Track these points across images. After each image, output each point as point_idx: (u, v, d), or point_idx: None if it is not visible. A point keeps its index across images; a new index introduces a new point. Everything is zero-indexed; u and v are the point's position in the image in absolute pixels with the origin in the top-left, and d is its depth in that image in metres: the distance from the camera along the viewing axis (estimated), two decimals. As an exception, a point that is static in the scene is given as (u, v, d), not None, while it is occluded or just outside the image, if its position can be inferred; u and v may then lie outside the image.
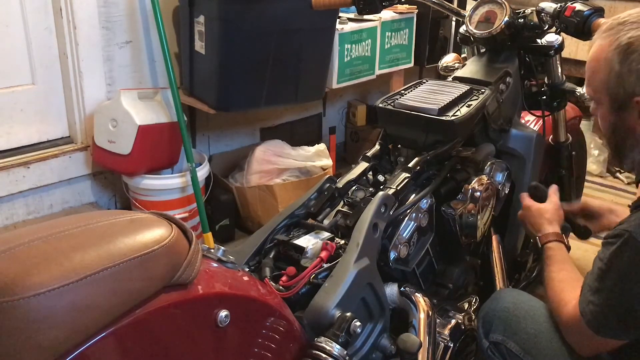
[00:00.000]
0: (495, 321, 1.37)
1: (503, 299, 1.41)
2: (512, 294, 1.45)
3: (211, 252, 1.01)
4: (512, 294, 1.45)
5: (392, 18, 2.96)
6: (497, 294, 1.47)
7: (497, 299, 1.43)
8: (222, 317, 0.89)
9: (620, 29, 1.12)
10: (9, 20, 2.27)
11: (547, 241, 1.42)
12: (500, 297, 1.43)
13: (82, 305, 0.72)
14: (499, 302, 1.40)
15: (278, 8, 2.30)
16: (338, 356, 1.06)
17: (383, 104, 1.60)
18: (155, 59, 2.58)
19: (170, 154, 2.42)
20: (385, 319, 1.30)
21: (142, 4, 2.47)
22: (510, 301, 1.39)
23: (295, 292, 1.18)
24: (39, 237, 0.75)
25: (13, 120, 2.36)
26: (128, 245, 0.78)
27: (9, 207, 2.34)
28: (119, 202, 2.65)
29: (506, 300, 1.40)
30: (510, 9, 1.71)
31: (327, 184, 1.47)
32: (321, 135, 3.35)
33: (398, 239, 1.38)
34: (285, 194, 2.58)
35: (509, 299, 1.41)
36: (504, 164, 1.67)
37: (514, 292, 1.50)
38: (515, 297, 1.42)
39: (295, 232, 1.36)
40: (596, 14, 1.50)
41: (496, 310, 1.39)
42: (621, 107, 1.15)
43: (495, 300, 1.43)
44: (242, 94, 2.42)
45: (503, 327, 1.35)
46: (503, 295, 1.44)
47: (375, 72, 2.99)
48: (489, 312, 1.41)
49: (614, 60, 1.12)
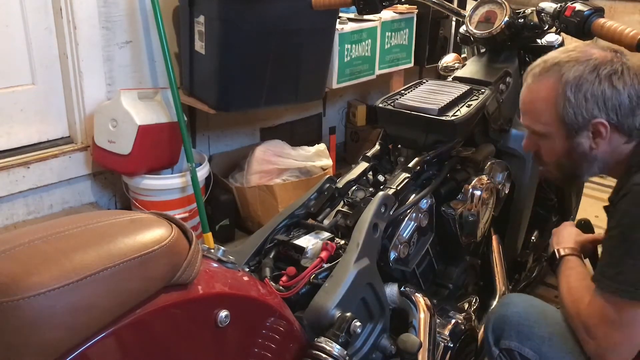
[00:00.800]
0: (506, 327, 1.34)
1: (513, 304, 1.38)
2: (522, 298, 1.42)
3: (211, 252, 1.01)
4: (522, 298, 1.42)
5: (392, 18, 2.96)
6: (506, 300, 1.43)
7: (507, 304, 1.40)
8: (222, 317, 0.89)
9: (559, 69, 1.25)
10: (9, 20, 2.27)
11: (567, 254, 1.42)
12: (510, 302, 1.40)
13: (82, 305, 0.72)
14: (509, 308, 1.37)
15: (278, 8, 2.30)
16: (338, 356, 1.06)
17: (383, 104, 1.60)
18: (155, 59, 2.58)
19: (170, 154, 2.42)
20: (385, 319, 1.30)
21: (142, 4, 2.47)
22: (521, 306, 1.37)
23: (295, 292, 1.18)
24: (39, 237, 0.75)
25: (13, 120, 2.36)
26: (128, 245, 0.78)
27: (9, 207, 2.34)
28: (119, 202, 2.65)
29: (517, 306, 1.37)
30: (510, 9, 1.71)
31: (327, 184, 1.47)
32: (321, 135, 3.35)
33: (398, 239, 1.38)
34: (285, 194, 2.58)
35: (520, 303, 1.38)
36: (504, 164, 1.67)
37: (523, 296, 1.47)
38: (526, 301, 1.40)
39: (295, 232, 1.36)
40: (596, 14, 1.50)
41: (507, 316, 1.36)
42: (577, 133, 1.27)
43: (505, 305, 1.40)
44: (242, 94, 2.42)
45: (516, 333, 1.33)
46: (513, 300, 1.41)
47: (375, 72, 2.99)
48: (498, 318, 1.38)
49: (568, 93, 1.24)
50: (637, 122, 1.25)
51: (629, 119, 1.24)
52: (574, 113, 1.24)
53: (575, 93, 1.23)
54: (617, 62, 1.24)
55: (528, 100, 1.33)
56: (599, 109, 1.23)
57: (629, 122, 1.24)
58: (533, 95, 1.31)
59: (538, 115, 1.31)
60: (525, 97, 1.33)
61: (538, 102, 1.30)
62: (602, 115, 1.23)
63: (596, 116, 1.23)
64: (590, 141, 1.27)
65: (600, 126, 1.24)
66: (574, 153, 1.30)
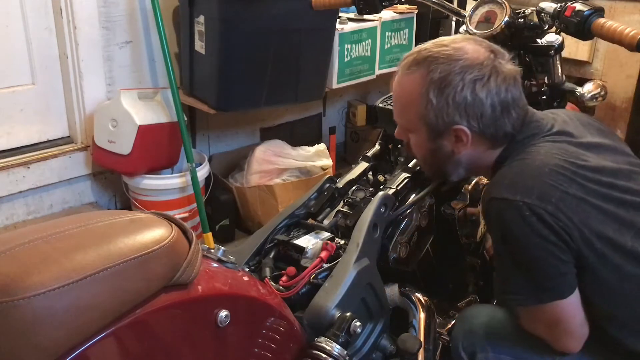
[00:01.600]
0: (476, 341, 1.31)
1: (476, 316, 1.36)
2: (483, 309, 1.41)
3: (211, 252, 1.01)
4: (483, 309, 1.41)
5: (392, 18, 2.96)
6: (467, 313, 1.40)
7: (470, 317, 1.36)
8: (222, 317, 0.89)
9: (427, 65, 1.17)
10: (9, 20, 2.27)
11: None
12: (473, 315, 1.37)
13: (82, 305, 0.72)
14: (474, 320, 1.34)
15: (278, 8, 2.30)
16: (338, 356, 1.06)
17: (383, 104, 1.60)
18: (155, 59, 2.58)
19: (170, 154, 2.42)
20: (385, 319, 1.30)
21: (142, 4, 2.47)
22: (484, 315, 1.35)
23: (295, 292, 1.18)
24: (39, 237, 0.75)
25: (13, 120, 2.36)
26: (128, 245, 0.78)
27: (9, 207, 2.34)
28: (119, 202, 2.65)
29: (481, 316, 1.35)
30: (510, 9, 1.70)
31: (327, 184, 1.47)
32: (321, 135, 3.35)
33: (398, 239, 1.38)
34: (285, 194, 2.58)
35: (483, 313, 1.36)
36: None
37: (482, 306, 1.47)
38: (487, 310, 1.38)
39: (295, 232, 1.36)
40: (596, 14, 1.50)
41: (473, 330, 1.33)
42: (439, 135, 1.21)
43: (467, 320, 1.36)
44: (242, 94, 2.42)
45: (488, 344, 1.30)
46: (474, 313, 1.38)
47: (375, 72, 2.99)
48: (467, 333, 1.34)
49: (430, 94, 1.17)
50: (501, 131, 1.19)
51: (491, 128, 1.18)
52: (435, 116, 1.18)
53: (437, 96, 1.16)
54: (487, 65, 1.17)
55: (396, 91, 1.26)
56: (459, 116, 1.17)
57: (491, 131, 1.19)
58: (400, 88, 1.24)
59: (403, 110, 1.25)
60: (394, 88, 1.27)
61: (404, 97, 1.24)
62: (463, 122, 1.17)
63: (457, 122, 1.18)
64: (452, 145, 1.22)
65: (461, 133, 1.19)
66: (438, 153, 1.25)
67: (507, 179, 1.15)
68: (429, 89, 1.17)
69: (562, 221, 1.08)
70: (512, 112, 1.19)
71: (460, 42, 1.20)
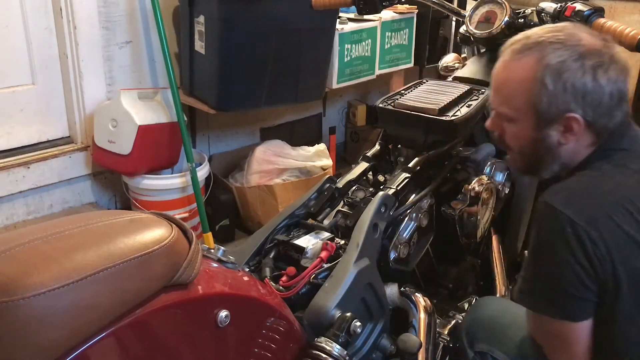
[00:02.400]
0: (479, 330, 1.33)
1: (487, 307, 1.37)
2: (496, 302, 1.42)
3: (211, 252, 1.01)
4: (496, 302, 1.42)
5: (392, 18, 2.96)
6: (480, 303, 1.42)
7: (481, 307, 1.39)
8: (222, 317, 0.89)
9: (541, 50, 1.13)
10: (9, 20, 2.27)
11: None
12: (484, 305, 1.39)
13: (82, 305, 0.72)
14: (483, 311, 1.36)
15: (278, 8, 2.30)
16: (338, 356, 1.06)
17: (383, 104, 1.60)
18: (155, 59, 2.58)
19: (170, 154, 2.42)
20: (385, 319, 1.30)
21: (142, 4, 2.47)
22: (494, 309, 1.36)
23: (295, 292, 1.18)
24: (39, 237, 0.75)
25: (13, 120, 2.36)
26: (128, 245, 0.78)
27: (9, 207, 2.34)
28: (119, 202, 2.65)
29: (490, 309, 1.36)
30: (510, 9, 1.71)
31: (327, 184, 1.47)
32: (321, 135, 3.35)
33: (398, 239, 1.38)
34: (285, 194, 2.58)
35: (493, 307, 1.37)
36: (504, 164, 1.67)
37: (497, 300, 1.47)
38: (500, 305, 1.39)
39: (295, 232, 1.36)
40: (596, 14, 1.50)
41: (480, 319, 1.35)
42: (548, 123, 1.16)
43: (478, 308, 1.39)
44: (242, 94, 2.42)
45: (488, 336, 1.31)
46: (487, 303, 1.40)
47: (375, 72, 2.99)
48: (472, 321, 1.37)
49: (546, 79, 1.12)
50: (611, 124, 1.15)
51: (604, 118, 1.14)
52: (548, 102, 1.12)
53: (554, 80, 1.11)
54: (605, 53, 1.12)
55: (501, 78, 1.20)
56: (575, 103, 1.12)
57: (603, 121, 1.14)
58: (508, 73, 1.18)
59: (509, 97, 1.19)
60: (499, 74, 1.21)
61: (512, 83, 1.17)
62: (578, 110, 1.12)
63: (572, 109, 1.12)
64: (559, 135, 1.16)
65: (573, 121, 1.13)
66: (540, 145, 1.19)
67: (568, 191, 1.12)
68: (544, 73, 1.12)
69: (600, 251, 1.05)
70: (624, 105, 1.15)
71: (572, 29, 1.16)
